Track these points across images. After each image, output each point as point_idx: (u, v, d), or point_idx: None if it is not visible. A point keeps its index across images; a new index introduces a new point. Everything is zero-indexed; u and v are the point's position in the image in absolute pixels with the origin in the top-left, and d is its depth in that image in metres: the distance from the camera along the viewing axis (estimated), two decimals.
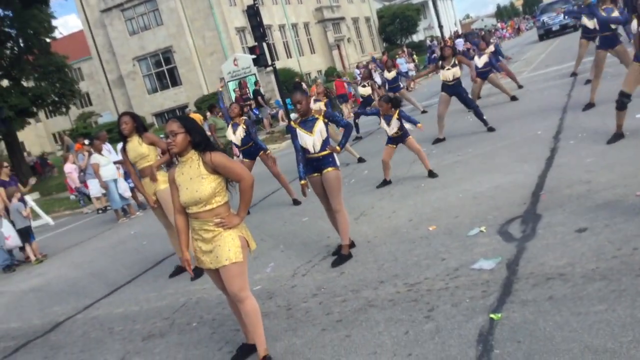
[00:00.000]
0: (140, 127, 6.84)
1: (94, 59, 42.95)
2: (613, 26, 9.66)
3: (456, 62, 10.53)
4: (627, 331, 3.13)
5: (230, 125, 9.20)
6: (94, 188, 15.18)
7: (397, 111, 8.26)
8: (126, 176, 12.94)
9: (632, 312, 3.29)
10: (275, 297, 5.27)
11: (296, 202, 9.05)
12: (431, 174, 8.19)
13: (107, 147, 13.64)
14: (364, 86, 15.63)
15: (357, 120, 14.84)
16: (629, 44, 9.74)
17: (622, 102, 7.18)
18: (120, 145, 7.65)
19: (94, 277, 8.18)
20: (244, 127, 9.08)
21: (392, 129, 8.31)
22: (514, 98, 13.55)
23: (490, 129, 10.31)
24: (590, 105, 9.66)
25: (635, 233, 4.31)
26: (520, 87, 15.24)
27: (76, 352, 5.42)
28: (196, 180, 3.74)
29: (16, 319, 7.23)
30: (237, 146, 9.35)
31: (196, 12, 39.38)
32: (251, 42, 29.52)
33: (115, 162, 12.44)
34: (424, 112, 16.24)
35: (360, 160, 11.24)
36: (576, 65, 14.44)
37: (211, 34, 39.23)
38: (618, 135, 7.23)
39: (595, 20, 10.49)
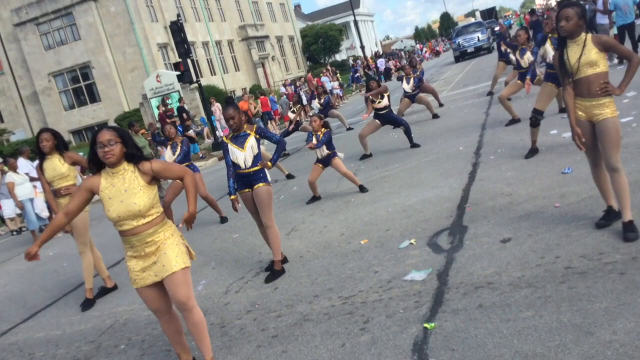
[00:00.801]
0: (61, 145, 6.56)
1: (6, 75, 40.92)
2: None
3: (383, 94, 10.82)
4: (554, 336, 3.28)
5: (169, 147, 9.01)
6: (7, 208, 14.37)
7: (325, 131, 8.36)
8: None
9: (557, 317, 3.45)
10: (208, 315, 5.16)
11: (224, 220, 8.95)
12: (362, 189, 8.31)
13: (29, 164, 12.96)
14: (293, 112, 15.75)
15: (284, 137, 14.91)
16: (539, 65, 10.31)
17: (536, 119, 7.59)
18: (36, 162, 7.31)
19: (10, 301, 7.72)
20: (182, 146, 9.00)
21: (322, 149, 8.37)
22: (435, 116, 14.01)
23: (415, 145, 10.61)
24: (514, 121, 10.04)
25: (557, 242, 4.55)
26: (441, 105, 15.79)
27: None
28: (133, 192, 3.63)
29: None
30: None
31: (116, 28, 38.41)
32: (174, 58, 29.11)
33: (32, 180, 11.88)
34: (349, 129, 16.53)
35: (289, 176, 11.27)
36: (492, 85, 15.17)
37: (132, 49, 38.34)
38: (534, 151, 7.62)
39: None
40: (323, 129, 8.33)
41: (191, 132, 21.11)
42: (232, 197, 5.75)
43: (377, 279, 4.88)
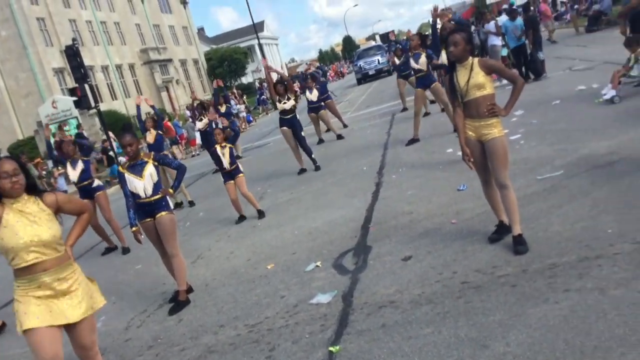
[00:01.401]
0: None
1: None
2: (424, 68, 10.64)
3: (289, 96, 10.84)
4: (452, 351, 3.37)
5: (68, 164, 8.62)
6: None
7: (229, 146, 8.31)
8: None
9: (455, 332, 3.56)
10: (107, 353, 4.92)
11: (125, 251, 8.62)
12: (260, 214, 8.28)
13: None
14: (200, 119, 15.55)
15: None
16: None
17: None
18: None
19: None
20: (83, 159, 8.75)
21: (226, 161, 8.27)
22: (339, 137, 14.22)
23: (317, 168, 10.71)
24: (413, 141, 10.41)
25: (453, 258, 4.72)
26: (345, 126, 16.05)
27: None
28: (39, 222, 3.46)
29: None
30: (74, 183, 8.80)
31: (7, 52, 36.46)
32: (71, 83, 27.93)
33: None
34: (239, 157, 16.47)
35: (191, 203, 11.03)
36: (403, 102, 15.68)
37: (26, 75, 36.51)
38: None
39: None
40: (226, 143, 8.30)
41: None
42: (134, 228, 5.53)
43: (283, 304, 4.85)
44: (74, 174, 8.61)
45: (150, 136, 10.65)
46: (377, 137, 12.47)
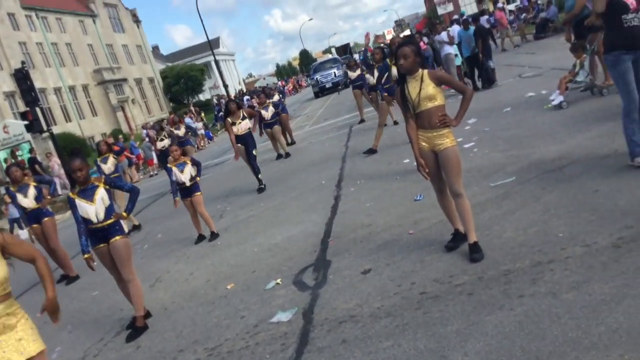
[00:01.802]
0: None
1: None
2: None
3: (244, 114, 10.77)
4: None
5: (17, 191, 8.36)
6: None
7: (189, 158, 8.22)
8: None
9: (414, 344, 3.56)
10: None
11: (72, 280, 8.43)
12: (213, 236, 8.16)
13: None
14: (161, 140, 15.40)
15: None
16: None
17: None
18: None
19: None
20: (35, 184, 8.49)
21: (187, 177, 8.14)
22: (287, 155, 14.15)
23: (261, 190, 10.58)
24: (372, 151, 10.47)
25: (412, 269, 4.73)
26: (293, 142, 16.00)
27: None
28: None
29: None
30: (25, 211, 8.50)
31: None
32: (23, 107, 27.25)
33: None
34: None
35: (137, 227, 10.84)
36: (360, 113, 15.80)
37: None
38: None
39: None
40: (185, 158, 8.18)
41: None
42: (86, 255, 5.39)
43: (243, 325, 4.79)
44: (26, 201, 8.35)
45: (109, 165, 10.53)
46: (336, 150, 12.52)
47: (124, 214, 5.65)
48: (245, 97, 44.77)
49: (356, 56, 44.74)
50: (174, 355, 4.65)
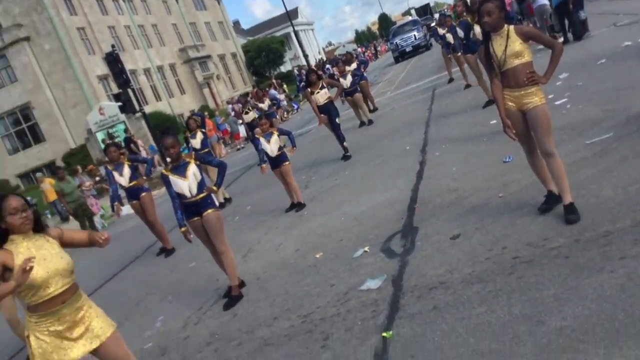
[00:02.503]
0: None
1: None
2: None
3: (324, 84, 10.81)
4: (507, 329, 3.30)
5: (114, 170, 8.86)
6: None
7: (276, 129, 8.35)
8: None
9: (509, 310, 3.48)
10: (168, 352, 5.05)
11: (169, 253, 8.83)
12: (300, 206, 8.28)
13: None
14: (246, 113, 15.65)
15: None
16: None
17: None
18: None
19: None
20: (129, 163, 8.90)
21: (273, 148, 8.30)
22: (370, 122, 14.05)
23: (346, 158, 10.58)
24: (490, 102, 10.03)
25: (503, 233, 4.60)
26: (375, 109, 15.81)
27: None
28: (55, 251, 3.50)
29: None
30: (123, 187, 9.00)
31: (53, 65, 37.55)
32: (116, 89, 28.61)
33: None
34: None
35: (227, 200, 11.14)
36: (449, 72, 15.37)
37: (72, 85, 37.54)
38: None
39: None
40: (272, 128, 8.33)
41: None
42: (183, 229, 5.64)
43: (334, 293, 4.86)
44: (122, 179, 8.81)
45: (197, 140, 10.77)
46: (419, 115, 12.28)
47: (215, 188, 5.83)
48: (327, 66, 44.83)
49: (436, 16, 43.38)
50: (269, 322, 4.80)
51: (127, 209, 12.76)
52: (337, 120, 10.69)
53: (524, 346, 3.10)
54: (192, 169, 5.55)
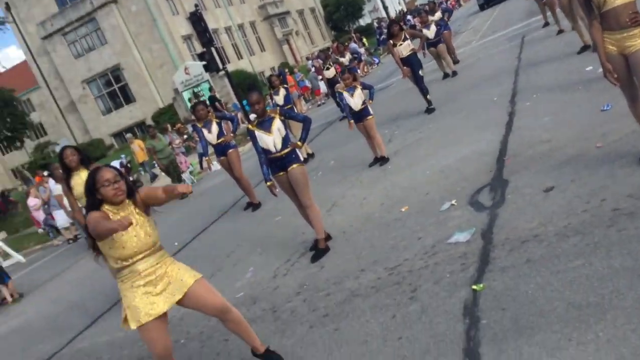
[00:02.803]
0: (86, 160, 6.49)
1: (42, 88, 41.97)
2: None
3: (406, 36, 10.56)
4: (606, 282, 3.17)
5: (202, 127, 9.15)
6: (60, 219, 14.92)
7: (360, 83, 8.29)
8: None
9: (608, 262, 3.33)
10: (259, 301, 5.23)
11: (256, 207, 9.03)
12: (383, 160, 8.20)
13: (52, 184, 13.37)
14: (327, 68, 15.57)
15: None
16: None
17: None
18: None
19: (73, 309, 8.02)
20: (217, 120, 9.14)
21: (356, 102, 8.25)
22: (454, 73, 13.60)
23: (430, 110, 10.32)
24: (585, 48, 9.46)
25: (601, 184, 4.38)
26: (457, 61, 15.22)
27: None
28: (143, 224, 3.60)
29: None
30: (211, 144, 9.29)
31: (139, 26, 38.78)
32: (199, 48, 29.20)
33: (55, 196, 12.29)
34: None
35: (310, 155, 11.19)
36: (544, 16, 14.55)
37: (158, 46, 38.71)
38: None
39: None
40: (355, 82, 8.29)
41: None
42: (269, 183, 5.74)
43: (421, 246, 4.83)
44: (210, 136, 9.06)
45: (280, 96, 10.86)
46: (507, 63, 11.77)
47: (299, 143, 5.88)
48: (408, 17, 43.66)
49: None
50: (356, 274, 4.86)
51: (216, 165, 13.15)
52: (420, 72, 10.44)
53: (624, 299, 2.98)
54: (277, 124, 5.60)
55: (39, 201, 16.44)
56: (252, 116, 5.83)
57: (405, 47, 10.41)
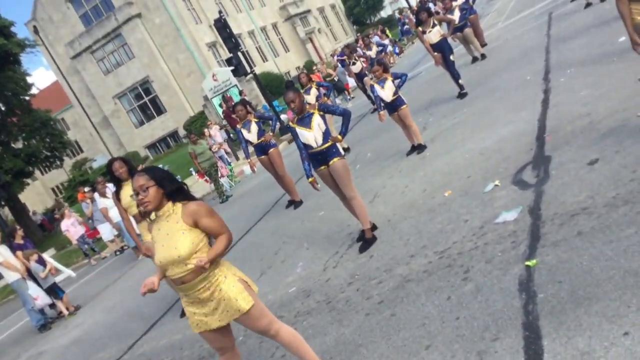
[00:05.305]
0: (133, 170, 6.66)
1: (75, 106, 43.05)
2: None
3: (435, 22, 10.56)
4: None
5: (242, 127, 9.33)
6: (105, 232, 15.31)
7: (390, 74, 8.33)
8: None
9: None
10: (312, 293, 5.34)
11: (297, 205, 9.16)
12: (420, 148, 8.23)
13: (111, 187, 13.70)
14: (354, 64, 15.58)
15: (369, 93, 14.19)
16: None
17: None
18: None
19: (130, 317, 8.27)
20: (256, 120, 9.31)
21: (388, 93, 8.31)
22: (483, 56, 13.48)
23: (462, 95, 10.29)
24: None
25: None
26: (485, 44, 15.04)
27: None
28: (174, 235, 3.34)
29: None
30: (251, 143, 9.46)
31: (164, 38, 39.40)
32: (225, 54, 29.56)
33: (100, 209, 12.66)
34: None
35: (345, 150, 11.24)
36: None
37: (184, 55, 39.27)
38: None
39: None
40: (385, 74, 8.32)
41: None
42: (311, 179, 5.85)
43: (468, 228, 4.88)
44: (250, 136, 9.23)
45: (312, 95, 10.89)
46: (536, 42, 11.64)
47: (339, 137, 5.96)
48: (429, 4, 43.27)
49: None
50: (406, 260, 4.93)
51: (247, 169, 13.21)
52: (451, 57, 10.43)
53: None
54: (317, 119, 5.70)
55: (73, 219, 16.87)
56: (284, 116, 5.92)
57: (435, 34, 10.41)
